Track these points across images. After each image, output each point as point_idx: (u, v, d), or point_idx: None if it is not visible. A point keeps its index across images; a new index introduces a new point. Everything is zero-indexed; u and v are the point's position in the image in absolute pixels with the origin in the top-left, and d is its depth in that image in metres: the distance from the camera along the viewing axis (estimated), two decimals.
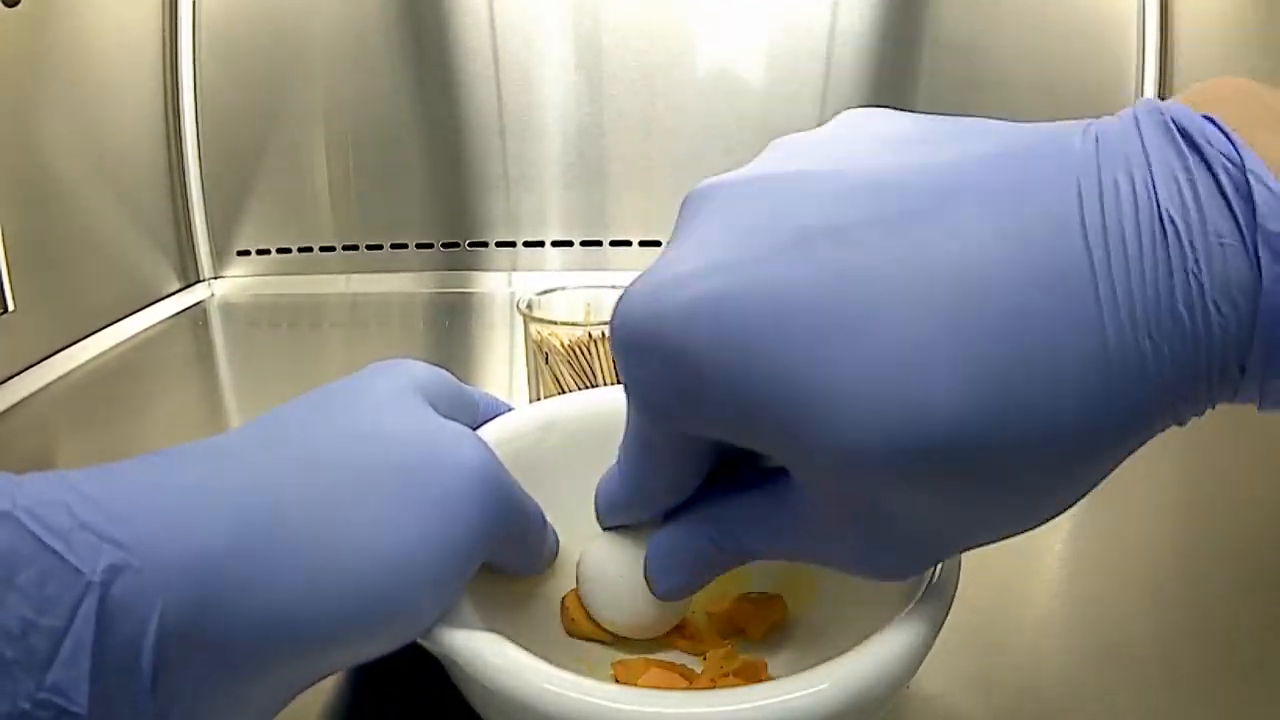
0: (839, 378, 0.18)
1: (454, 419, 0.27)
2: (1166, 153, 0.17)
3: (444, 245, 0.81)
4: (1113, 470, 0.20)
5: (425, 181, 0.80)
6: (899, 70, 0.75)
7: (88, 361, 0.64)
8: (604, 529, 0.28)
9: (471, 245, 0.81)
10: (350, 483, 0.23)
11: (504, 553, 0.27)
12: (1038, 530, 0.21)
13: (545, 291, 0.48)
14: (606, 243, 0.80)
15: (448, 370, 0.30)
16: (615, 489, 0.27)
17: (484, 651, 0.22)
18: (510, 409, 0.33)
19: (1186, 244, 0.17)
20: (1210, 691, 0.31)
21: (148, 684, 0.18)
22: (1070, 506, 0.20)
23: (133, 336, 0.70)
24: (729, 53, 0.76)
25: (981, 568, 0.23)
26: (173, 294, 0.78)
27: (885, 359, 0.18)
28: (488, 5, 0.75)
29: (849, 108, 0.24)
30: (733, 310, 0.19)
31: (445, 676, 0.25)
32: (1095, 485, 0.20)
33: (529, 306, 0.46)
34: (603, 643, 0.30)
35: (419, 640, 0.24)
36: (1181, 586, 0.37)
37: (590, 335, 0.44)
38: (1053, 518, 0.20)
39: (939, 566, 0.24)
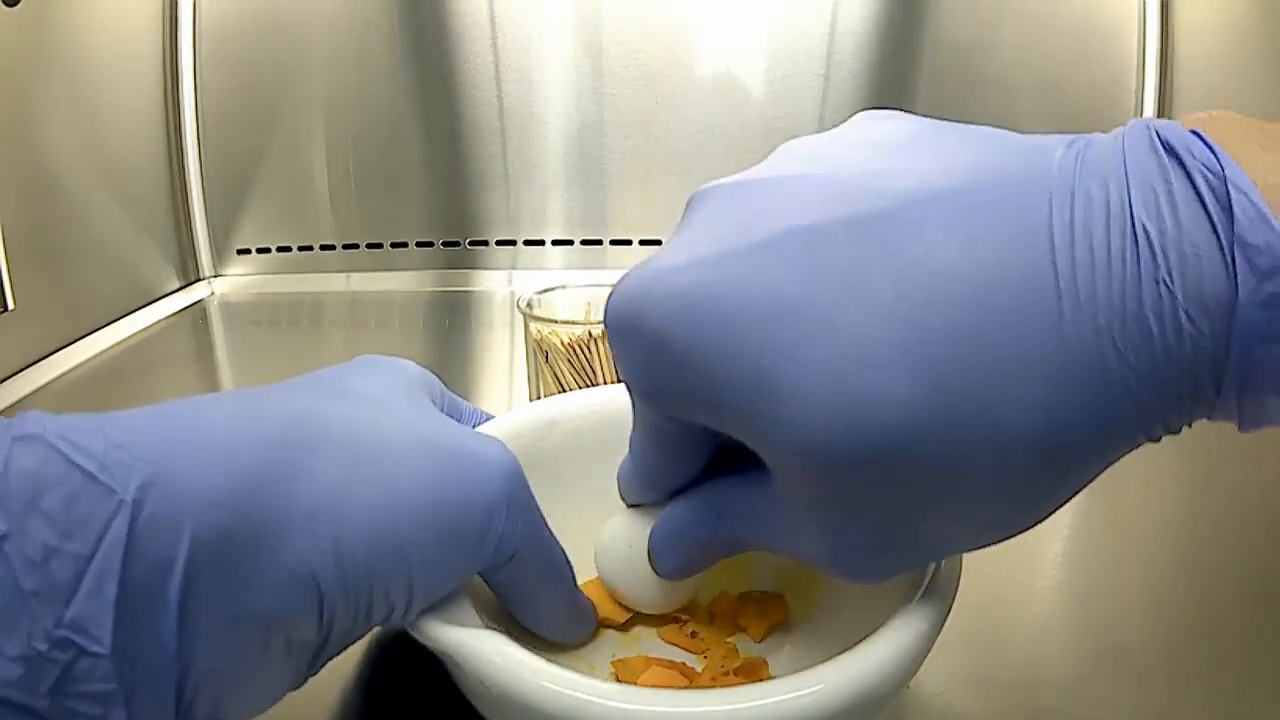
0: (797, 372, 0.19)
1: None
2: (1147, 163, 0.17)
3: (444, 244, 0.81)
4: (1084, 485, 0.19)
5: (425, 180, 0.80)
6: (899, 71, 0.75)
7: (88, 360, 0.64)
8: (626, 506, 0.29)
9: (472, 244, 0.81)
10: (376, 440, 0.23)
11: (526, 575, 0.26)
12: (1037, 530, 0.21)
13: (545, 290, 0.48)
14: (607, 241, 0.80)
15: (446, 371, 0.31)
16: (627, 470, 0.28)
17: (485, 650, 0.22)
18: (490, 418, 0.33)
19: (1159, 253, 0.16)
20: (1210, 691, 0.31)
21: (173, 618, 0.18)
22: (1042, 519, 0.20)
23: (133, 335, 0.70)
24: (729, 52, 0.76)
25: (981, 568, 0.23)
26: (173, 292, 0.78)
27: (841, 355, 0.18)
28: (488, 5, 0.75)
29: (849, 108, 0.24)
30: (704, 303, 0.20)
31: (447, 675, 0.25)
32: (1065, 498, 0.20)
33: (529, 305, 0.46)
34: (618, 627, 0.30)
35: (420, 639, 0.24)
36: (1181, 586, 0.37)
37: (590, 334, 0.44)
38: (1026, 528, 0.20)
39: (939, 567, 0.24)
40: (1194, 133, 0.17)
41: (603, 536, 0.29)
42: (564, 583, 0.28)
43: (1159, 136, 0.18)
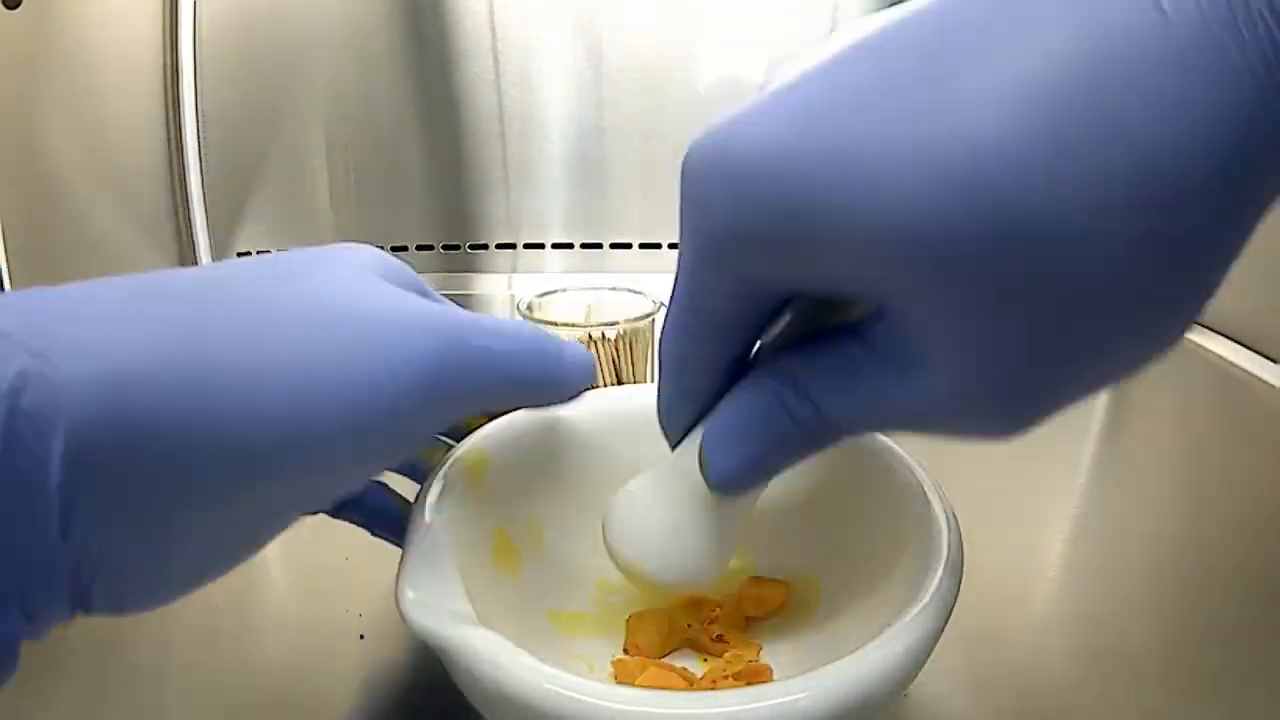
0: (893, 149, 0.17)
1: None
2: None
3: (444, 247, 0.81)
4: (1242, 239, 0.17)
5: (426, 183, 0.80)
6: None
7: None
8: (672, 447, 0.26)
9: (472, 247, 0.81)
10: (286, 322, 0.21)
11: (500, 396, 0.25)
12: (1037, 531, 0.21)
13: (546, 293, 0.48)
14: (607, 245, 0.80)
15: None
16: (663, 381, 0.25)
17: (484, 650, 0.22)
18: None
19: None
20: (1210, 691, 0.31)
21: (54, 512, 0.17)
22: (1197, 306, 0.18)
23: None
24: (730, 55, 0.76)
25: (982, 568, 0.23)
26: None
27: (936, 120, 0.17)
28: (488, 7, 0.75)
29: None
30: (789, 120, 0.18)
31: (444, 674, 0.25)
32: (1225, 258, 0.17)
33: (529, 308, 0.46)
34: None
35: (422, 636, 0.24)
36: (1181, 586, 0.37)
37: (590, 336, 0.44)
38: (1173, 336, 0.18)
39: (940, 570, 0.24)
40: None
41: (616, 506, 0.27)
42: (547, 363, 0.26)
43: None
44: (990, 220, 0.16)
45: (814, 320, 0.23)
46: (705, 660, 0.30)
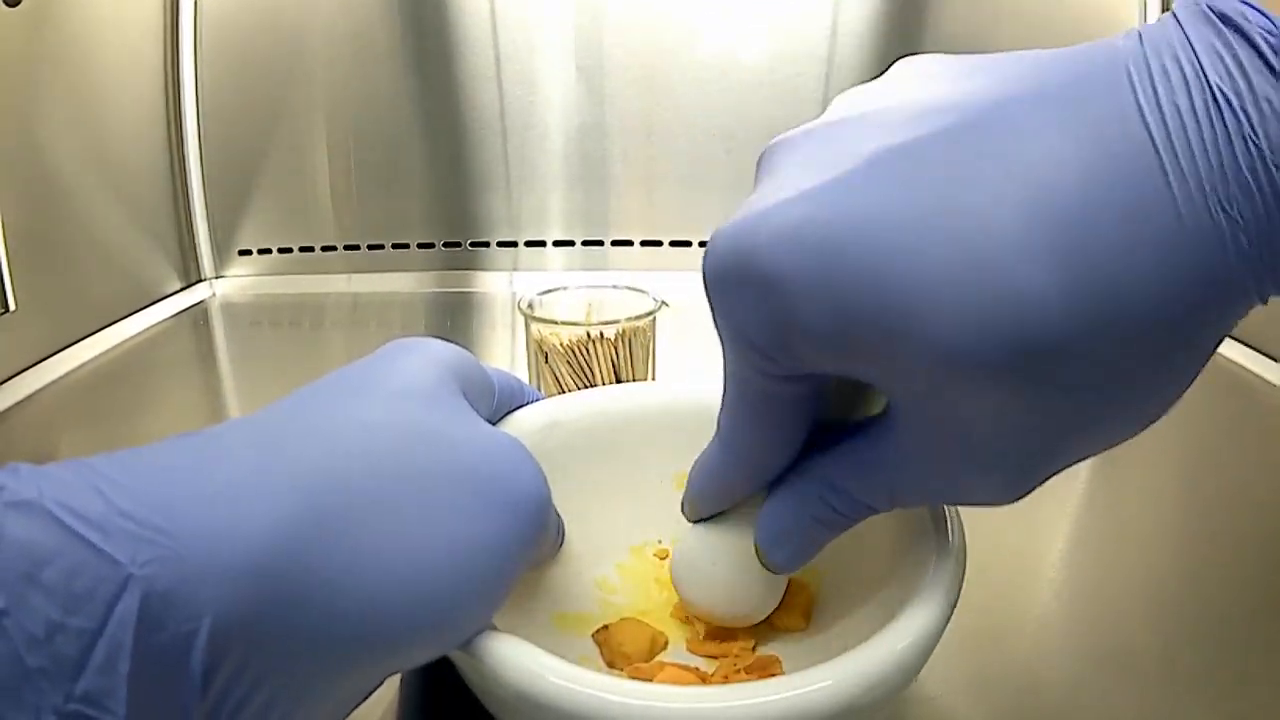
0: (929, 278, 0.19)
1: (476, 402, 0.28)
2: (1206, 34, 0.18)
3: (445, 245, 0.81)
4: (1206, 356, 0.20)
5: (427, 181, 0.80)
6: None
7: (89, 361, 0.65)
8: (693, 523, 0.29)
9: (473, 245, 0.81)
10: (407, 480, 0.22)
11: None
12: (1037, 531, 0.21)
13: (547, 291, 0.48)
14: (608, 242, 0.80)
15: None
16: (716, 464, 0.27)
17: (501, 651, 0.22)
18: (518, 382, 0.33)
19: (1240, 112, 0.17)
20: (1210, 692, 0.31)
21: (198, 687, 0.17)
22: (1170, 401, 0.20)
23: (134, 336, 0.70)
24: (730, 52, 0.76)
25: (982, 568, 0.23)
26: (174, 293, 0.78)
27: (972, 256, 0.18)
28: (489, 5, 0.75)
29: None
30: (819, 231, 0.20)
31: (451, 672, 0.25)
32: (1191, 377, 0.20)
33: (530, 306, 0.46)
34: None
35: None
36: (1181, 586, 0.37)
37: (589, 335, 0.44)
38: (1156, 415, 0.20)
39: (943, 565, 0.25)
40: (1244, 1, 0.18)
41: (679, 562, 0.29)
42: (557, 538, 0.29)
43: (1212, 10, 0.18)
44: (1022, 354, 0.18)
45: (840, 408, 0.26)
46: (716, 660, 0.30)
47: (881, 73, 0.23)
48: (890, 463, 0.23)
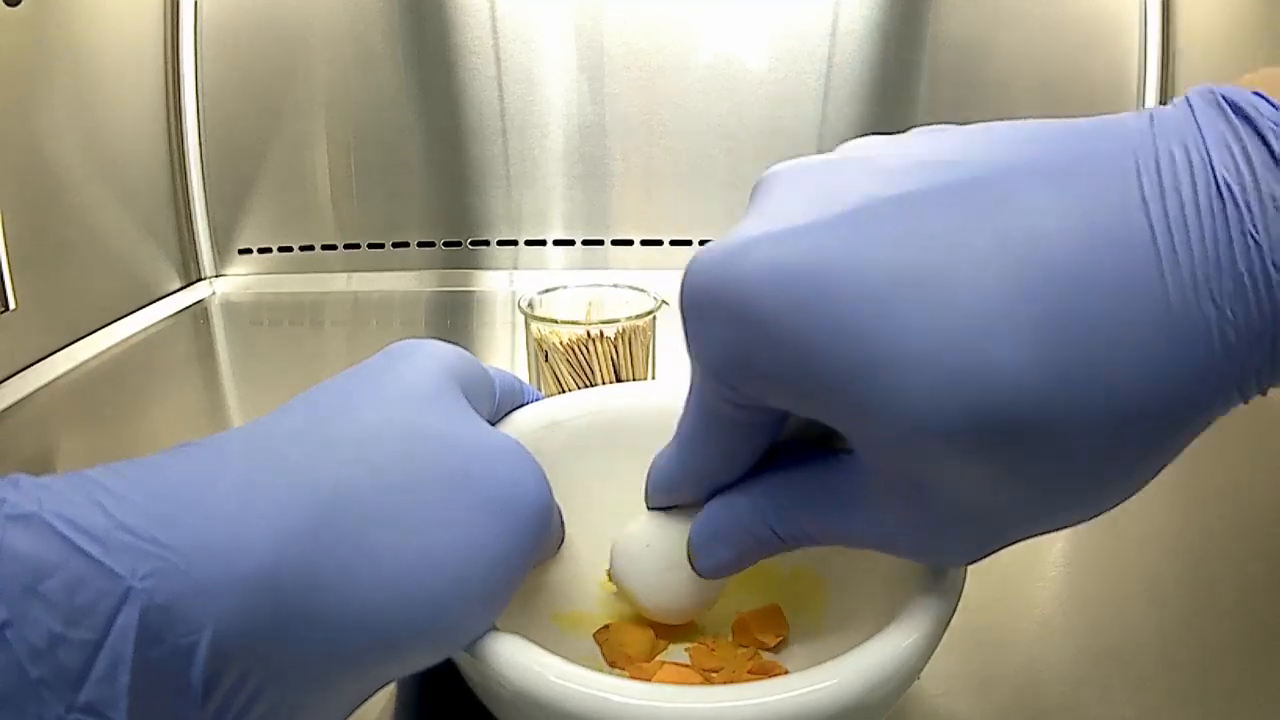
0: (905, 341, 0.18)
1: (477, 403, 0.27)
2: (1218, 124, 0.18)
3: (446, 244, 0.81)
4: (1177, 452, 0.20)
5: (427, 180, 0.80)
6: (900, 70, 0.75)
7: (89, 360, 0.65)
8: (650, 509, 0.28)
9: (473, 244, 0.81)
10: (408, 488, 0.22)
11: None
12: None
13: (547, 290, 0.48)
14: (608, 242, 0.80)
15: None
16: (669, 464, 0.27)
17: (502, 651, 0.22)
18: (518, 381, 0.33)
19: (1243, 207, 0.17)
20: (1210, 692, 0.31)
21: (198, 698, 0.17)
22: (1132, 492, 0.20)
23: (134, 335, 0.70)
24: (731, 52, 0.76)
25: (982, 568, 0.23)
26: (174, 292, 0.78)
27: (951, 323, 0.18)
28: (490, 4, 0.75)
29: (850, 108, 0.24)
30: (798, 272, 0.19)
31: (451, 671, 0.25)
32: (1160, 466, 0.20)
33: (530, 305, 0.46)
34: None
35: None
36: (1181, 586, 0.37)
37: (589, 334, 0.44)
38: (1115, 503, 0.20)
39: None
40: (1257, 93, 0.18)
41: (622, 544, 0.29)
42: (559, 537, 0.29)
43: (1226, 100, 0.18)
44: (988, 426, 0.18)
45: (802, 429, 0.25)
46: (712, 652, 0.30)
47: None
48: (843, 502, 0.23)
